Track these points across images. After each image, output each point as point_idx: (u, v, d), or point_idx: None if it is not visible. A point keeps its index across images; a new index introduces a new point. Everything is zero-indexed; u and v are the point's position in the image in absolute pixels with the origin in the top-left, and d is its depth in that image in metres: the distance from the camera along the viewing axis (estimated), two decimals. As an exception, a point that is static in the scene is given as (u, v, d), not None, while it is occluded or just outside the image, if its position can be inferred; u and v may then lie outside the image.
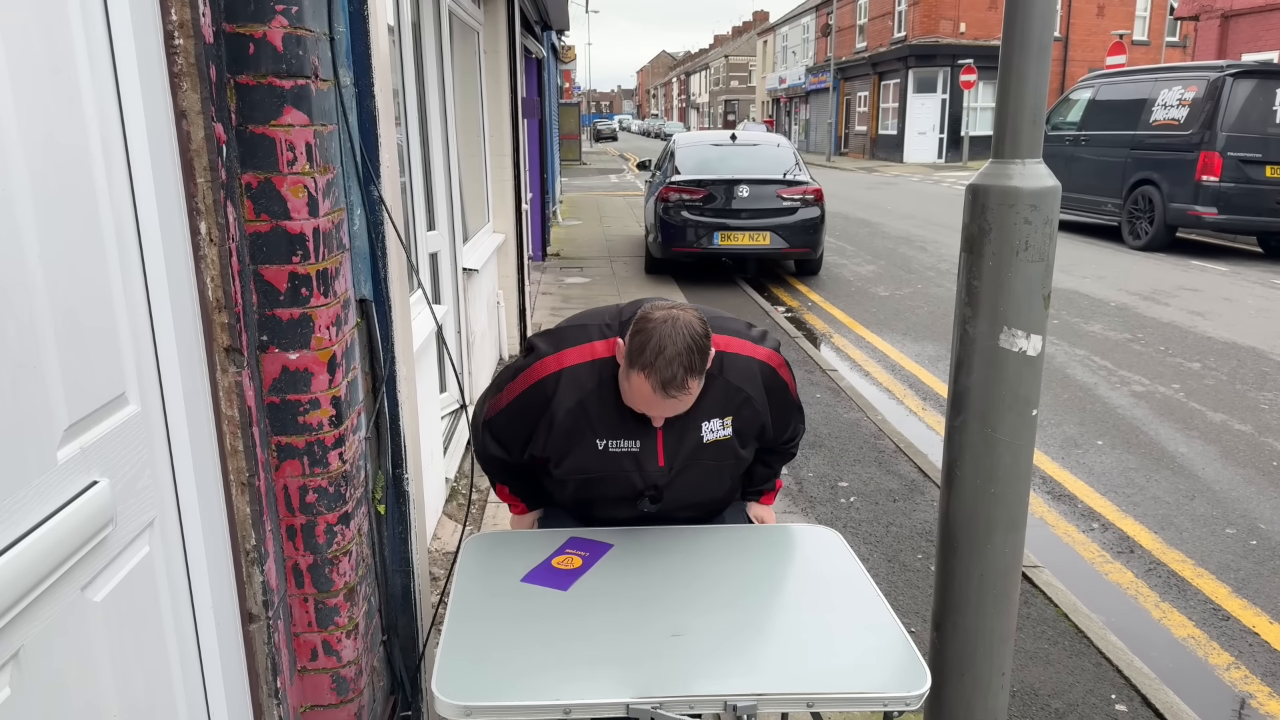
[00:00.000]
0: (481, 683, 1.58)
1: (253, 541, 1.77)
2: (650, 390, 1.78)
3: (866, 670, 1.66)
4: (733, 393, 2.00)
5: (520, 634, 1.73)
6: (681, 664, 1.64)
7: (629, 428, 1.98)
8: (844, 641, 1.74)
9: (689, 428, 2.00)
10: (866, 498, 4.42)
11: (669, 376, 1.76)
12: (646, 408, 1.86)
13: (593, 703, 1.54)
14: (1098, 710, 2.86)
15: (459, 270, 4.81)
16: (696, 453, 2.03)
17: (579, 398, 1.96)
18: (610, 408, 1.96)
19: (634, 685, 1.57)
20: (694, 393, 1.82)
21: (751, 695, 1.55)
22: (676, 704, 1.55)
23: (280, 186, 1.73)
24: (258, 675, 1.83)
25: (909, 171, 28.31)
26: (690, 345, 1.78)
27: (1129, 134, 12.25)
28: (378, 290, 2.09)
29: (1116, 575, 3.81)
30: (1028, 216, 1.92)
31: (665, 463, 2.02)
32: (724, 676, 1.61)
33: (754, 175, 9.68)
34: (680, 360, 1.76)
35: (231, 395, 1.71)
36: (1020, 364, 1.98)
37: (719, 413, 2.01)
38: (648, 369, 1.77)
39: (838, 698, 1.60)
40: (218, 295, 1.66)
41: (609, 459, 2.01)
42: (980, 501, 2.06)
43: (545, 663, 1.65)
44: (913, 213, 16.61)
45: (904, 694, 1.57)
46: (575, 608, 1.83)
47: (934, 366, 6.85)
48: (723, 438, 2.03)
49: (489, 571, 1.99)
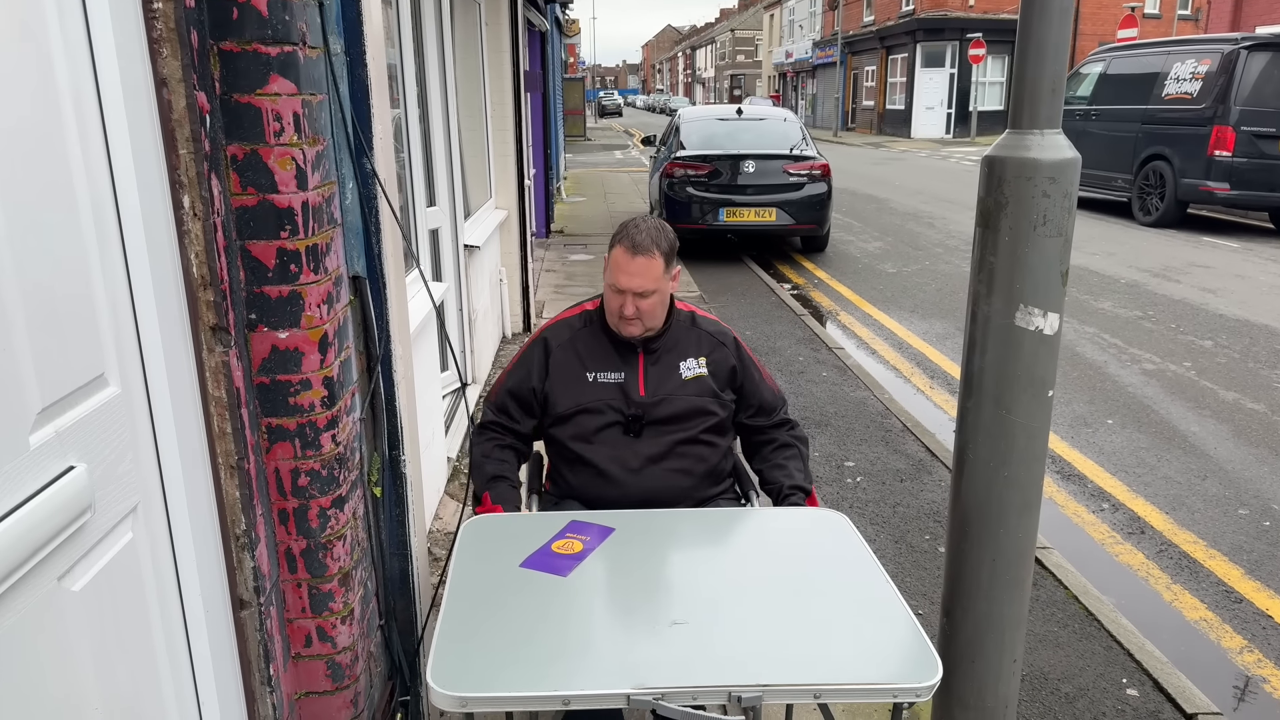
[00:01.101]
0: (478, 672, 1.54)
1: (243, 526, 1.71)
2: (622, 253, 2.18)
3: (875, 660, 1.61)
4: (705, 338, 2.38)
5: (518, 622, 1.69)
6: (684, 653, 1.59)
7: (614, 361, 2.31)
8: (852, 629, 1.69)
9: (668, 366, 2.32)
10: (873, 478, 4.36)
11: (637, 240, 2.18)
12: (618, 273, 2.19)
13: (592, 693, 1.50)
14: (1108, 694, 2.81)
15: (460, 247, 4.74)
16: (677, 387, 2.31)
17: (570, 337, 2.34)
18: (596, 344, 2.33)
19: (635, 675, 1.52)
20: (656, 267, 2.18)
21: (756, 686, 1.51)
22: (679, 695, 1.50)
23: (267, 159, 1.66)
24: (250, 662, 1.78)
25: (917, 147, 28.06)
26: (657, 226, 2.24)
27: (1140, 108, 12.07)
28: (371, 267, 2.02)
29: (1127, 557, 3.75)
30: (1046, 190, 1.84)
31: (646, 392, 2.29)
32: (728, 666, 1.56)
33: (760, 150, 9.56)
34: (648, 232, 2.20)
35: (218, 376, 1.65)
36: (1036, 343, 1.92)
37: (694, 354, 2.36)
38: (622, 238, 2.21)
39: (846, 689, 1.55)
40: (202, 272, 1.60)
41: (598, 389, 2.29)
42: (994, 485, 2.00)
43: (544, 652, 1.60)
44: (921, 189, 16.46)
45: (915, 685, 1.53)
46: (575, 594, 1.79)
47: (942, 344, 6.77)
48: (700, 374, 2.34)
49: (487, 556, 1.94)
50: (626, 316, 2.21)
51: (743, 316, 7.48)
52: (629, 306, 2.20)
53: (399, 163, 3.76)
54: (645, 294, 2.19)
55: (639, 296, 2.19)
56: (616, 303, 2.22)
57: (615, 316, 2.25)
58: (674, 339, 2.34)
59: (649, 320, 2.25)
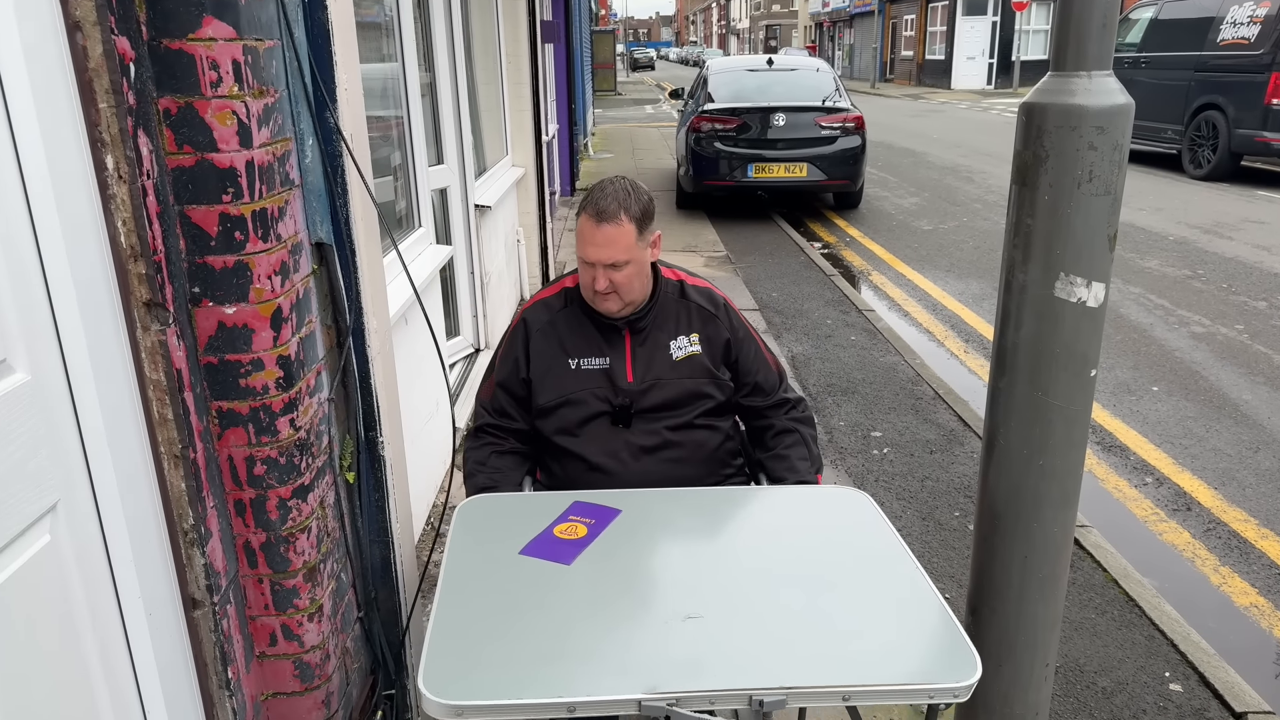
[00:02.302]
0: (474, 678, 1.39)
1: (191, 520, 1.56)
2: (586, 222, 1.96)
3: (907, 656, 1.45)
4: (696, 311, 2.14)
5: (518, 618, 1.54)
6: (698, 652, 1.45)
7: (597, 346, 2.09)
8: (881, 623, 1.53)
9: (658, 346, 2.10)
10: (901, 449, 4.15)
11: (602, 206, 1.94)
12: (586, 245, 1.97)
13: (600, 700, 1.35)
14: (1149, 689, 2.61)
15: (470, 207, 4.55)
16: (668, 369, 2.09)
17: (549, 319, 2.12)
18: (577, 327, 2.10)
19: (646, 678, 1.38)
20: (627, 234, 1.94)
21: (780, 689, 1.36)
22: (694, 699, 1.35)
23: (204, 113, 1.48)
24: (206, 665, 1.65)
25: (956, 98, 27.24)
26: (626, 189, 1.99)
27: (1193, 55, 11.47)
28: (338, 232, 1.84)
29: (1171, 535, 3.52)
30: (1093, 141, 1.60)
31: (635, 378, 2.07)
32: (747, 667, 1.41)
33: (791, 103, 9.20)
34: (615, 196, 1.96)
35: (155, 356, 1.49)
36: (1078, 316, 1.69)
37: (685, 330, 2.12)
38: (587, 203, 1.98)
39: (877, 690, 1.39)
40: (131, 242, 1.43)
41: (582, 377, 2.07)
42: (1027, 474, 1.79)
43: (546, 652, 1.45)
44: (960, 142, 15.92)
45: (952, 684, 1.38)
46: (579, 585, 1.63)
47: (978, 305, 6.49)
48: (693, 352, 2.11)
49: (484, 542, 1.79)
50: (600, 291, 1.98)
51: (770, 277, 7.24)
52: (600, 280, 1.96)
53: (398, 118, 3.56)
54: (617, 265, 1.95)
55: (611, 269, 1.95)
56: (588, 277, 1.99)
57: (589, 292, 2.01)
58: (662, 314, 2.11)
59: (627, 294, 2.01)
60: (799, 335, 5.76)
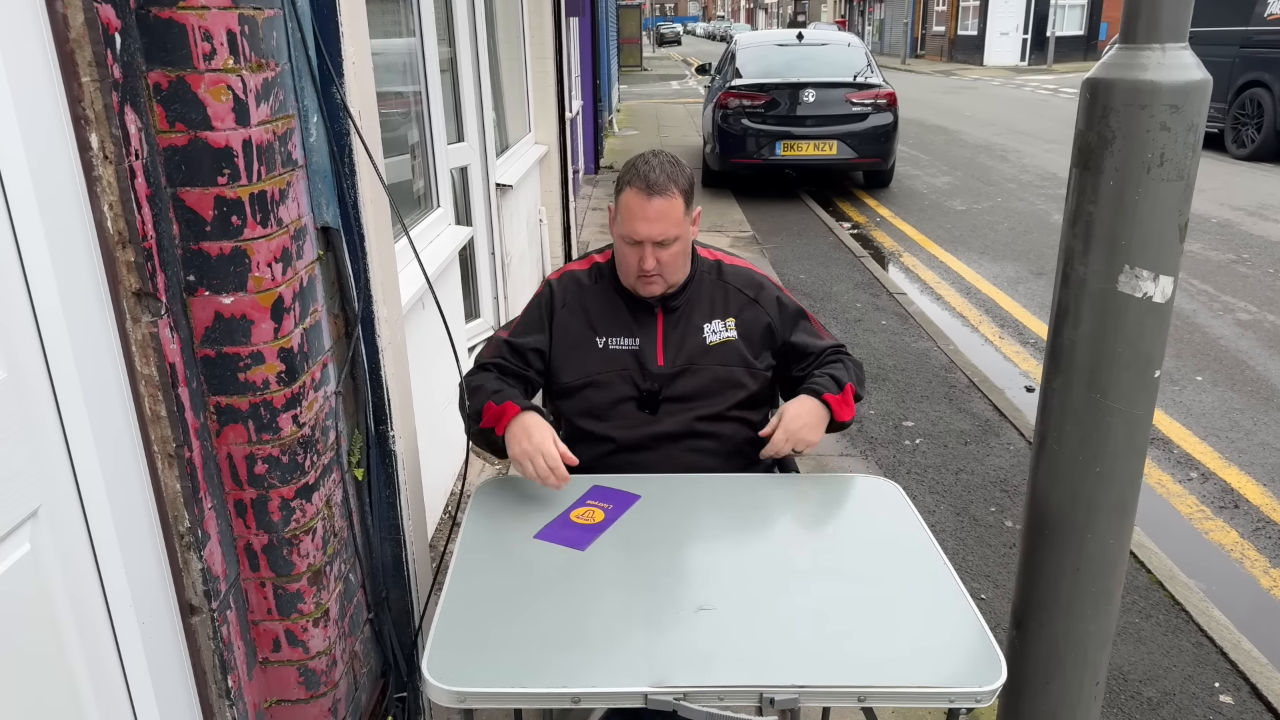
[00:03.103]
0: (479, 664, 1.36)
1: (186, 523, 1.47)
2: (635, 196, 1.82)
3: (930, 658, 1.38)
4: (732, 294, 2.01)
5: (527, 605, 1.49)
6: (710, 645, 1.40)
7: (627, 325, 1.97)
8: (903, 621, 1.46)
9: (690, 329, 1.97)
10: (934, 440, 4.01)
11: (652, 178, 1.81)
12: (635, 221, 1.83)
13: (605, 691, 1.31)
14: (1198, 700, 2.48)
15: (491, 186, 4.43)
16: (701, 355, 1.97)
17: (578, 294, 2.00)
18: (607, 304, 1.98)
19: (654, 670, 1.34)
20: (677, 208, 1.83)
21: (792, 687, 1.31)
22: (703, 695, 1.31)
23: (196, 87, 1.37)
24: (204, 674, 1.56)
25: (989, 75, 26.68)
26: (670, 160, 1.88)
27: (1238, 30, 11.08)
28: (345, 216, 1.73)
29: (1218, 534, 3.37)
30: (1166, 121, 1.46)
31: (665, 361, 1.96)
32: (759, 662, 1.36)
33: (821, 78, 8.97)
34: (662, 169, 1.84)
35: (147, 350, 1.39)
36: (1143, 312, 1.56)
37: (720, 314, 2.00)
38: (633, 177, 1.84)
39: (895, 692, 1.33)
40: (119, 227, 1.32)
41: (610, 357, 1.96)
42: (1083, 481, 1.66)
43: (553, 640, 1.41)
44: (993, 119, 15.57)
45: (974, 689, 1.31)
46: (591, 572, 1.58)
47: (1014, 289, 6.30)
48: (728, 338, 1.99)
49: (499, 525, 1.74)
50: (646, 273, 1.86)
51: (797, 258, 7.08)
52: (649, 260, 1.84)
53: (417, 94, 3.44)
54: (666, 242, 1.84)
55: (659, 247, 1.84)
56: (633, 257, 1.87)
57: (631, 275, 1.90)
58: (697, 295, 1.98)
59: (671, 275, 1.90)
60: (827, 319, 5.61)
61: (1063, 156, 11.32)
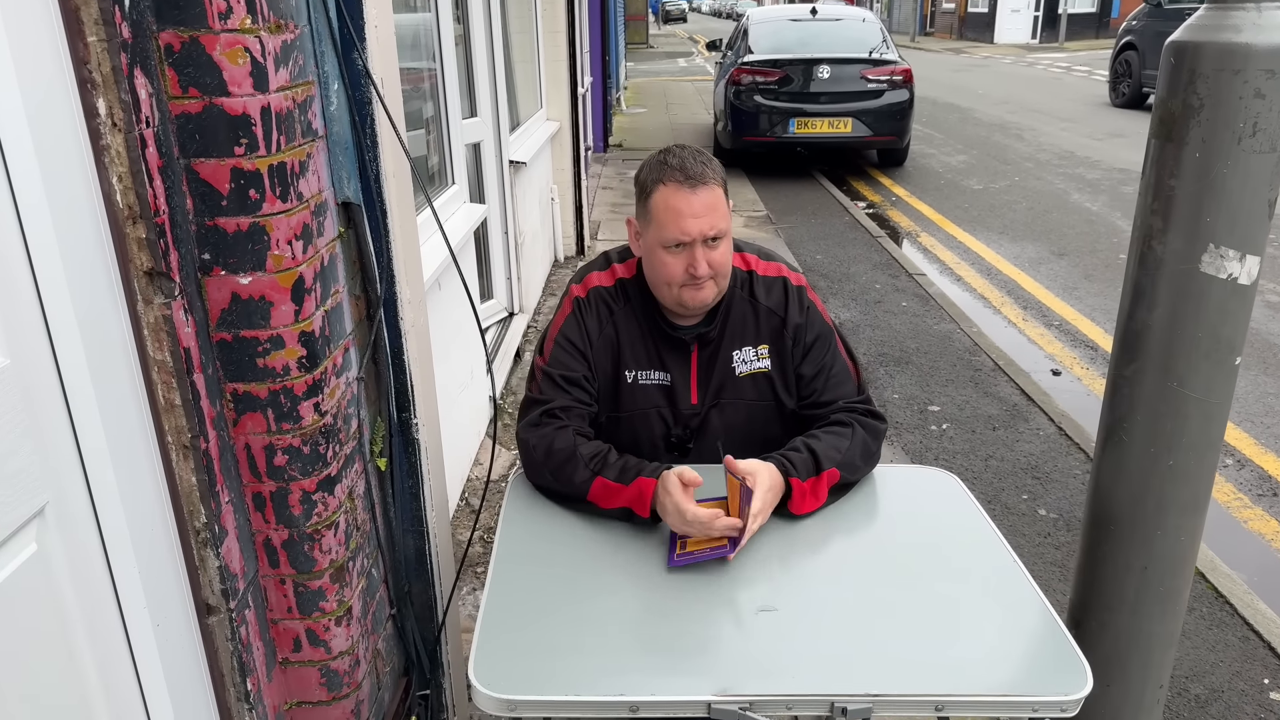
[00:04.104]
0: (529, 671, 1.28)
1: (203, 518, 1.38)
2: (676, 192, 1.61)
3: (1008, 663, 1.30)
4: (766, 317, 1.76)
5: (574, 606, 1.41)
6: (773, 649, 1.32)
7: (658, 358, 1.76)
8: (976, 623, 1.37)
9: (717, 356, 1.75)
10: (961, 425, 3.91)
11: (691, 169, 1.61)
12: (683, 220, 1.61)
13: (667, 700, 1.23)
14: (1248, 698, 2.39)
15: (505, 163, 4.31)
16: (731, 388, 1.76)
17: (610, 320, 1.77)
18: (638, 333, 1.76)
19: (717, 678, 1.25)
20: (720, 197, 1.64)
21: (865, 696, 1.23)
22: (770, 704, 1.23)
23: (211, 49, 1.26)
24: (222, 676, 1.47)
25: (1000, 53, 26.35)
26: (696, 149, 1.67)
27: None
28: (367, 190, 1.63)
29: (1257, 524, 3.27)
30: (1260, 88, 1.35)
31: (699, 399, 1.76)
32: (828, 668, 1.28)
33: (836, 54, 8.81)
34: (694, 156, 1.65)
35: (160, 334, 1.29)
36: (1226, 295, 1.46)
37: (752, 340, 1.76)
38: (665, 173, 1.63)
39: (975, 700, 1.24)
40: (129, 200, 1.22)
41: (638, 393, 1.76)
42: (1153, 476, 1.57)
43: (605, 645, 1.33)
44: (1007, 97, 15.35)
45: (1059, 697, 1.23)
46: (639, 571, 1.49)
47: (1035, 270, 6.17)
48: (759, 370, 1.76)
49: (539, 521, 1.63)
50: (699, 278, 1.61)
51: (813, 238, 6.95)
52: (701, 264, 1.60)
53: (430, 70, 3.32)
54: (718, 238, 1.62)
55: (709, 246, 1.61)
56: (679, 265, 1.61)
57: (676, 286, 1.64)
58: (730, 318, 1.74)
59: (724, 278, 1.67)
60: (846, 300, 5.50)
61: (1079, 135, 11.15)
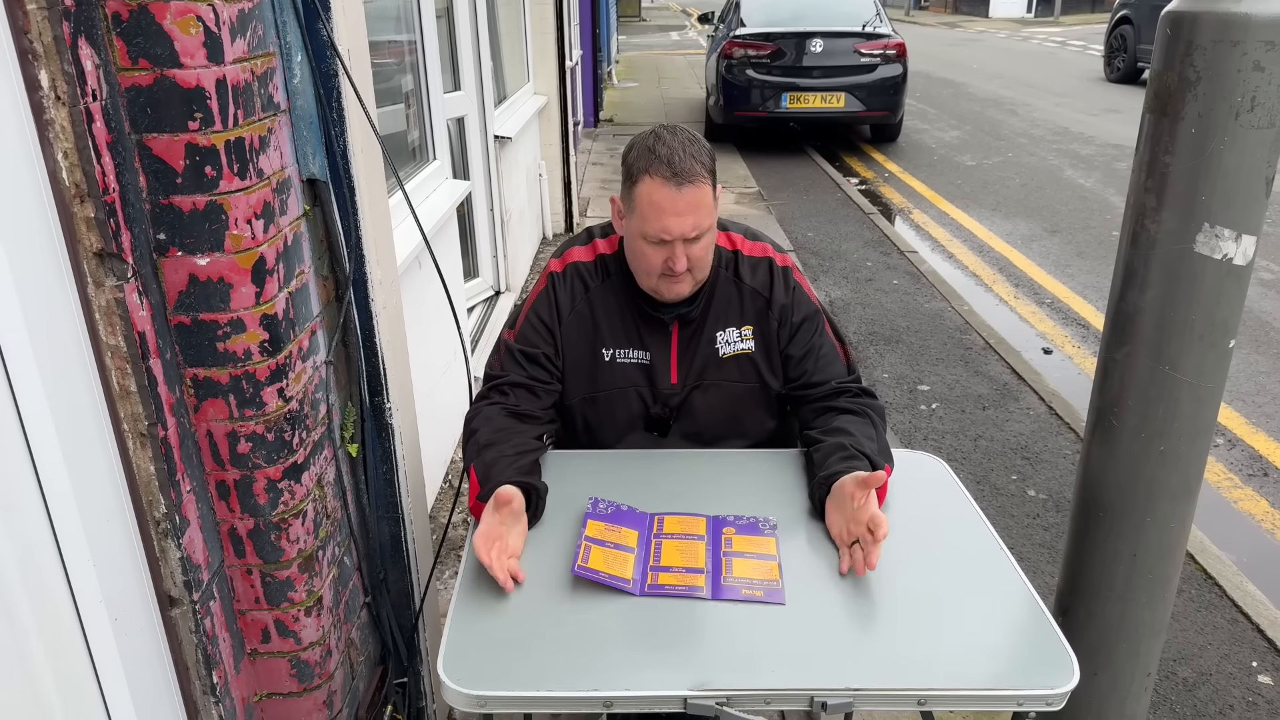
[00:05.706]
0: (500, 666, 1.25)
1: (163, 508, 1.33)
2: (661, 188, 1.54)
3: (993, 655, 1.27)
4: (750, 297, 1.73)
5: (549, 599, 1.38)
6: (751, 642, 1.29)
7: (638, 336, 1.73)
8: (960, 614, 1.34)
9: (700, 336, 1.73)
10: (951, 404, 3.88)
11: (679, 165, 1.54)
12: (664, 218, 1.55)
13: (641, 695, 1.20)
14: (1235, 681, 2.37)
15: (490, 138, 4.24)
16: (714, 368, 1.74)
17: (585, 294, 1.73)
18: (615, 309, 1.73)
19: (693, 671, 1.23)
20: (706, 194, 1.57)
21: (845, 690, 1.21)
22: (748, 698, 1.20)
23: (161, 18, 1.20)
24: (187, 669, 1.43)
25: (995, 27, 26.16)
26: (689, 137, 1.60)
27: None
28: (334, 167, 1.57)
29: (1248, 504, 3.25)
30: (1259, 60, 1.29)
31: (679, 379, 1.74)
32: (807, 662, 1.27)
33: (829, 28, 8.69)
34: (685, 149, 1.56)
35: (112, 317, 1.23)
36: (1221, 276, 1.41)
37: (735, 320, 1.73)
38: (652, 164, 1.56)
39: (957, 694, 1.22)
40: (76, 178, 1.16)
41: (616, 372, 1.74)
42: (1144, 461, 1.53)
43: (579, 639, 1.30)
44: (1000, 72, 15.23)
45: (1045, 690, 1.21)
46: None
47: (1027, 247, 6.13)
48: (743, 350, 1.74)
49: None
50: (676, 274, 1.59)
51: (805, 215, 6.89)
52: (680, 260, 1.57)
53: (411, 42, 3.24)
54: (699, 236, 1.58)
55: (690, 243, 1.57)
56: (657, 258, 1.59)
57: (653, 277, 1.62)
58: (713, 298, 1.72)
59: (701, 271, 1.64)
60: (837, 278, 5.45)
61: (1073, 111, 11.07)
